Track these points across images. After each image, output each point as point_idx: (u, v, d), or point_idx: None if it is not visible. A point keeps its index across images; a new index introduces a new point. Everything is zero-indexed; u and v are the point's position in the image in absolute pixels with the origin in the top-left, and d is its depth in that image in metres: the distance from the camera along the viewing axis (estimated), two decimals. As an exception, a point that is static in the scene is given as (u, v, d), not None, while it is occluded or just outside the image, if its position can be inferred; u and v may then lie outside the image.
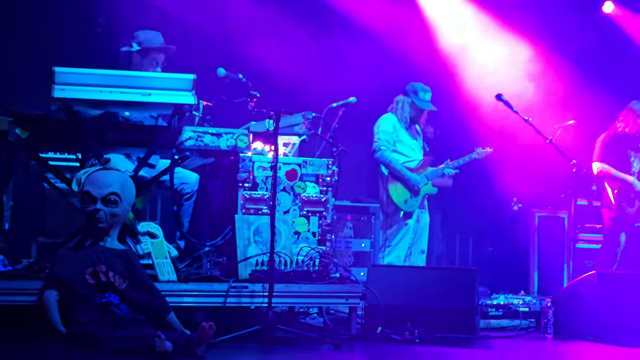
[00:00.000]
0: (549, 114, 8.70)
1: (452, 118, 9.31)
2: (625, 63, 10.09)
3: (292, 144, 6.84)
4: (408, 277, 6.16)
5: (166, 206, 6.96)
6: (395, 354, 5.23)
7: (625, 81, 9.59)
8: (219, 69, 6.68)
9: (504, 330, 6.36)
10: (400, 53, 9.29)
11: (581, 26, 9.98)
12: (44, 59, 6.93)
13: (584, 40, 9.93)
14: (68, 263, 4.95)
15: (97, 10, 8.54)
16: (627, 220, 8.06)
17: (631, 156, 8.12)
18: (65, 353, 4.67)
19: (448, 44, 10.11)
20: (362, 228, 8.40)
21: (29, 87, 7.31)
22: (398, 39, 9.48)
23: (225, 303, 5.41)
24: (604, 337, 5.88)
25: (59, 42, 8.02)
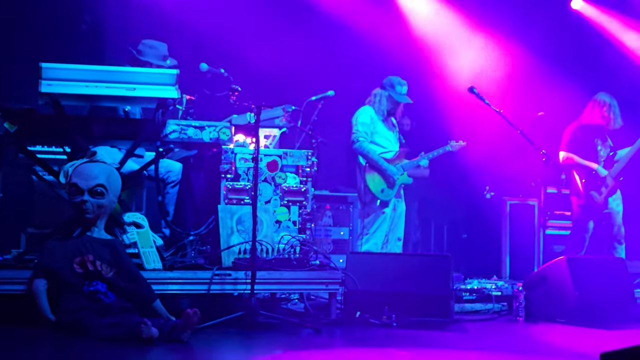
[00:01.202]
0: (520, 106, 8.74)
1: (427, 111, 9.32)
2: (591, 57, 10.14)
3: (273, 136, 6.84)
4: (385, 264, 6.17)
5: (151, 197, 6.93)
6: (373, 338, 5.24)
7: (591, 74, 9.63)
8: (202, 64, 6.67)
9: (478, 313, 6.39)
10: (378, 48, 9.29)
11: (550, 22, 10.02)
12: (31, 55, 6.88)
13: (553, 35, 9.97)
14: (56, 253, 4.94)
15: (82, 7, 8.48)
16: (595, 207, 8.10)
17: (598, 145, 8.17)
18: (55, 340, 4.66)
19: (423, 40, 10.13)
20: (341, 217, 8.40)
21: (17, 82, 7.27)
22: (375, 34, 9.47)
23: (209, 290, 5.41)
24: (573, 319, 5.92)
25: (45, 38, 7.97)
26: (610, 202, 8.11)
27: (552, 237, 8.81)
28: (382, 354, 4.68)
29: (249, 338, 4.97)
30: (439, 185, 9.25)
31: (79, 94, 5.40)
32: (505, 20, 9.84)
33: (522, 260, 8.99)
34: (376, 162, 7.33)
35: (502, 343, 5.29)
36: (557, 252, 8.44)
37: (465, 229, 10.05)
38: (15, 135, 5.52)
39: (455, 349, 4.90)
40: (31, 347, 4.57)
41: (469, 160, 8.69)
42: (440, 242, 10.04)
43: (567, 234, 8.69)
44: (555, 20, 10.17)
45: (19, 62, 7.59)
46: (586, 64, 9.96)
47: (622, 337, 5.21)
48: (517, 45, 9.91)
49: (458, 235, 10.09)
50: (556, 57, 9.83)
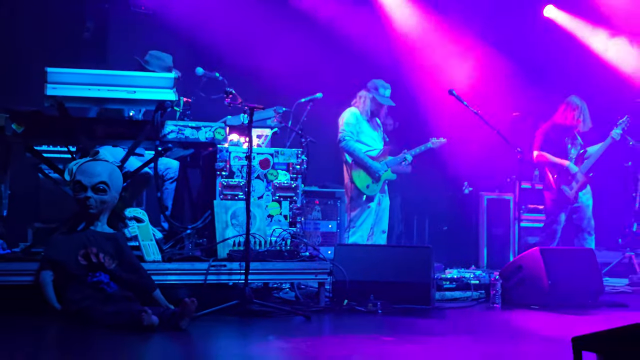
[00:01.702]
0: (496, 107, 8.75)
1: (410, 111, 9.33)
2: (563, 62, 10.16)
3: (265, 135, 6.83)
4: (371, 255, 6.18)
5: (151, 193, 6.92)
6: (359, 324, 5.24)
7: (562, 78, 9.66)
8: (198, 68, 6.67)
9: (457, 301, 6.39)
10: (363, 53, 9.29)
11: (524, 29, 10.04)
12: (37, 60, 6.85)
13: (527, 41, 10.00)
14: (62, 246, 4.95)
15: (85, 15, 8.46)
16: (566, 201, 8.13)
17: (568, 144, 8.19)
18: (61, 328, 4.65)
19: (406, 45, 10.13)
20: (329, 211, 8.40)
21: (24, 86, 7.24)
22: (361, 40, 9.47)
23: (206, 280, 5.41)
24: (546, 306, 5.94)
25: (50, 44, 7.94)
26: (580, 196, 8.14)
27: (526, 230, 8.82)
28: (368, 340, 4.68)
29: (244, 325, 4.97)
30: (421, 181, 9.25)
31: (83, 97, 5.39)
32: (483, 28, 9.86)
33: (499, 251, 9.01)
34: (362, 160, 7.33)
35: (480, 328, 5.30)
36: (531, 243, 8.46)
37: (445, 221, 10.06)
38: (23, 136, 5.51)
39: (436, 335, 4.91)
40: (39, 335, 4.56)
41: (448, 157, 8.70)
42: (422, 234, 10.05)
43: (540, 226, 8.70)
44: (529, 27, 10.20)
45: (26, 67, 7.56)
46: (558, 69, 10.00)
47: (592, 322, 5.24)
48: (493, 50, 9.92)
49: (439, 227, 10.09)
50: (530, 62, 9.86)
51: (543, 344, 4.56)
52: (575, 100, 8.20)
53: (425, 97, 9.62)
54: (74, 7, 8.37)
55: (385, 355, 4.17)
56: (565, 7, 10.56)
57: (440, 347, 4.46)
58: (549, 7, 10.63)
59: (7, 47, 8.04)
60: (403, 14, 10.20)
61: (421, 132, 8.56)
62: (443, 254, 8.59)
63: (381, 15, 10.12)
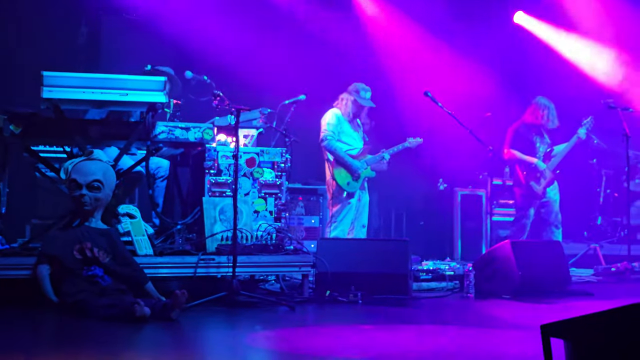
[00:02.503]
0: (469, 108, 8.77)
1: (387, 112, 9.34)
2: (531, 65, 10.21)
3: (251, 135, 6.82)
4: (352, 248, 6.19)
5: (143, 190, 6.90)
6: (341, 313, 5.25)
7: (531, 80, 9.70)
8: (187, 71, 6.65)
9: (433, 291, 6.40)
10: (344, 57, 9.29)
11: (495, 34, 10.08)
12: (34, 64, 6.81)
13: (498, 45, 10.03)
14: (58, 241, 4.93)
15: (79, 22, 8.42)
16: (535, 196, 8.16)
17: (537, 142, 8.23)
18: (57, 319, 4.63)
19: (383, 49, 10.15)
20: (312, 207, 8.40)
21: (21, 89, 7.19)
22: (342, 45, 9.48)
23: (196, 273, 5.40)
24: (517, 295, 5.96)
25: (46, 49, 7.90)
26: (548, 191, 8.18)
27: (497, 223, 8.85)
28: (350, 328, 4.69)
29: (232, 315, 4.96)
30: (398, 178, 9.27)
31: (77, 99, 5.38)
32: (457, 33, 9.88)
33: (472, 243, 9.03)
34: (342, 158, 7.33)
35: (455, 317, 5.32)
36: (502, 236, 8.49)
37: (421, 216, 10.07)
38: (20, 137, 5.48)
39: (413, 323, 4.93)
40: (36, 326, 4.54)
41: (424, 156, 8.71)
42: (400, 228, 10.06)
43: (510, 220, 8.73)
44: (500, 32, 10.24)
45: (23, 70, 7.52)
46: (527, 71, 10.04)
47: (560, 310, 5.26)
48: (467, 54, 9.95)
49: (415, 222, 10.11)
50: (501, 65, 9.89)
51: (514, 331, 4.59)
52: (543, 100, 8.23)
53: (402, 99, 9.63)
54: (68, 14, 8.32)
55: (365, 343, 4.18)
56: (534, 13, 10.63)
57: (417, 334, 4.48)
58: (519, 14, 10.69)
59: (4, 52, 8.00)
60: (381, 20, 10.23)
61: (398, 131, 8.57)
62: (419, 247, 8.60)
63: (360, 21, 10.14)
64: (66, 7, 8.29)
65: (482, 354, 3.87)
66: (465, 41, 9.87)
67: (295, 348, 3.96)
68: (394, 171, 8.53)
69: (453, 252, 9.08)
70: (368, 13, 10.22)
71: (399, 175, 9.09)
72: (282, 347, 4.04)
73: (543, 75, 9.93)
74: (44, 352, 3.66)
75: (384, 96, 9.22)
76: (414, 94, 8.86)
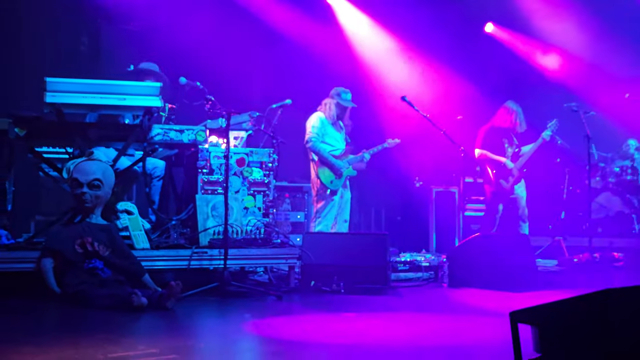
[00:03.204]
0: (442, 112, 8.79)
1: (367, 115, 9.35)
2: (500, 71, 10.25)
3: (241, 137, 6.80)
4: (334, 242, 6.18)
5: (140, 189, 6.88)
6: (325, 302, 5.25)
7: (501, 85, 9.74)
8: (181, 77, 6.62)
9: (410, 281, 6.42)
10: (326, 64, 9.30)
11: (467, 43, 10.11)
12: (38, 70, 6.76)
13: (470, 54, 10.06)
14: (60, 236, 4.91)
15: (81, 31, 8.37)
16: (503, 193, 8.20)
17: (505, 143, 8.26)
18: (60, 309, 4.60)
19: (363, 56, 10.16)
20: (298, 203, 8.40)
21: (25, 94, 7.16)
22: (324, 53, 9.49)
23: (189, 265, 5.39)
24: (487, 284, 5.97)
25: (49, 57, 7.86)
26: (516, 189, 8.22)
27: (469, 218, 8.88)
28: (333, 316, 4.69)
29: (223, 304, 4.95)
30: (378, 176, 9.29)
31: (79, 104, 5.35)
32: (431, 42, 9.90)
33: (446, 236, 9.06)
34: (326, 159, 7.33)
35: (430, 304, 5.33)
36: (474, 230, 8.51)
37: (399, 212, 10.10)
38: (25, 139, 5.46)
39: (392, 310, 4.93)
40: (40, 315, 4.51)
41: (402, 155, 8.73)
42: (379, 223, 10.09)
43: (481, 215, 8.77)
44: (472, 41, 10.27)
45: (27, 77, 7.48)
46: (496, 77, 10.08)
47: (527, 299, 5.28)
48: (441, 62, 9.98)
49: (393, 217, 10.14)
50: (473, 72, 9.92)
51: (484, 317, 4.60)
52: (511, 105, 8.27)
53: (381, 103, 9.65)
54: (70, 24, 8.30)
55: (347, 329, 4.17)
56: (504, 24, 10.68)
57: (396, 321, 4.48)
58: (489, 25, 10.74)
59: (10, 60, 7.97)
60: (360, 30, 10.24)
61: (378, 133, 8.58)
62: (397, 240, 8.62)
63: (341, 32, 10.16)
64: (68, 18, 8.27)
65: (455, 339, 3.87)
66: (439, 49, 9.90)
67: (282, 334, 3.95)
68: (374, 170, 8.55)
69: (428, 244, 9.11)
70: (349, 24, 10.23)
71: (379, 173, 9.12)
72: (270, 333, 4.03)
73: (512, 81, 9.98)
74: (47, 340, 3.63)
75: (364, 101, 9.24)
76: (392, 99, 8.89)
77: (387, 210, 10.19)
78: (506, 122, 8.21)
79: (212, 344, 3.72)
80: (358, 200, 9.27)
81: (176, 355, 3.23)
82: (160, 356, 3.20)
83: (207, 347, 3.59)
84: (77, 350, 3.32)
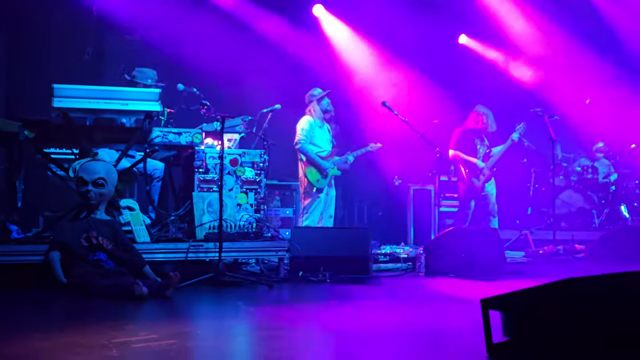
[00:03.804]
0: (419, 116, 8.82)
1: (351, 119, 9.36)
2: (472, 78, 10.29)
3: (234, 139, 6.79)
4: (321, 235, 6.18)
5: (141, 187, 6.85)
6: (312, 291, 5.25)
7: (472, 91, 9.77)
8: (179, 84, 6.61)
9: (390, 271, 6.42)
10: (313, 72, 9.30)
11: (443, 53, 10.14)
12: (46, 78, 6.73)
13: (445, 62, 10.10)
14: (67, 231, 4.89)
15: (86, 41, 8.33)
16: (475, 191, 8.23)
17: (477, 144, 8.29)
18: (67, 298, 4.59)
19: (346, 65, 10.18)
20: (287, 200, 8.40)
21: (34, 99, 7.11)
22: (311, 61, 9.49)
23: (187, 257, 5.37)
24: (460, 274, 6.00)
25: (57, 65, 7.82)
26: (486, 186, 8.26)
27: (444, 213, 8.90)
28: (319, 303, 4.70)
29: (218, 293, 4.94)
30: (361, 176, 9.30)
31: (84, 108, 5.33)
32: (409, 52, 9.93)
33: (422, 230, 9.08)
34: (313, 159, 7.32)
35: (408, 293, 5.34)
36: (448, 224, 8.55)
37: (380, 208, 10.11)
38: (34, 140, 5.43)
39: (374, 299, 4.94)
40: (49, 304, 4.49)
41: (383, 156, 8.74)
42: (362, 218, 10.10)
43: (455, 210, 8.80)
44: (446, 51, 10.31)
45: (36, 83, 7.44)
46: (469, 84, 10.11)
47: (497, 287, 5.30)
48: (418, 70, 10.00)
49: (375, 212, 10.14)
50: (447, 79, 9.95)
51: (458, 304, 4.62)
52: (482, 108, 8.30)
53: (364, 109, 9.66)
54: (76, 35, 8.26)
55: (333, 315, 4.18)
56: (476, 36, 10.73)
57: (377, 308, 4.49)
58: (462, 36, 10.78)
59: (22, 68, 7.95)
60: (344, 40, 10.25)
61: (361, 136, 8.59)
62: (378, 234, 8.62)
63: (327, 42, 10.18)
64: (74, 29, 8.23)
65: (431, 324, 3.89)
66: (418, 60, 9.93)
67: (272, 320, 3.95)
68: (357, 169, 8.57)
69: (407, 237, 9.13)
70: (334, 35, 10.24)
71: (362, 173, 9.13)
72: (261, 319, 4.04)
73: (483, 87, 10.02)
74: (55, 326, 3.62)
75: (348, 106, 9.26)
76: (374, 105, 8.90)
77: (368, 207, 10.20)
78: (477, 124, 8.25)
79: (208, 329, 3.72)
80: (342, 197, 9.27)
81: (175, 340, 3.23)
82: (160, 341, 3.19)
83: (203, 333, 3.59)
84: (84, 336, 3.31)
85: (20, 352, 3.00)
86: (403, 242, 8.56)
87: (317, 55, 9.69)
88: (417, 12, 9.64)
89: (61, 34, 8.10)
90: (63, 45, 8.10)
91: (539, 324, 2.82)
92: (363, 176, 9.45)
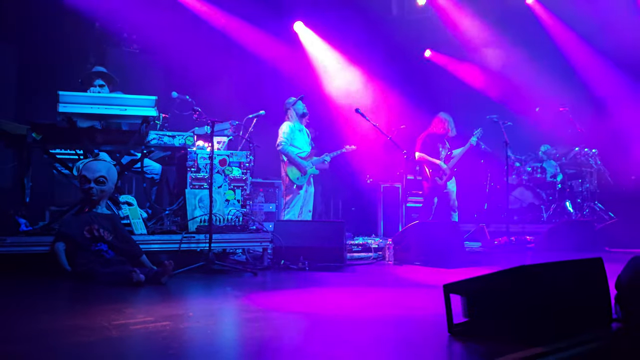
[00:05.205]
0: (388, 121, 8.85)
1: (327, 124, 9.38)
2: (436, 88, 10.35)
3: (223, 142, 6.77)
4: (300, 228, 6.18)
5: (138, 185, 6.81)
6: (292, 277, 5.25)
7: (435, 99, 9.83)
8: (173, 92, 6.57)
9: (363, 260, 6.46)
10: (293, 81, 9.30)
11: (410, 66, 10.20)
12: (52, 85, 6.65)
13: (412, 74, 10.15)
14: (71, 224, 4.85)
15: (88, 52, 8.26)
16: (438, 188, 8.28)
17: (439, 147, 8.34)
18: (71, 284, 4.55)
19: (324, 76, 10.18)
20: (270, 196, 8.38)
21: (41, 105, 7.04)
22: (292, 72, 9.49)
23: (180, 248, 5.35)
24: (425, 262, 6.03)
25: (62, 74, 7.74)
26: (448, 184, 8.31)
27: (410, 209, 8.96)
28: (299, 289, 4.69)
29: (208, 280, 4.92)
30: (337, 175, 9.31)
31: (87, 113, 5.27)
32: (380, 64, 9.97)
33: (391, 223, 9.13)
34: (294, 160, 7.33)
35: (379, 279, 5.36)
36: (414, 218, 8.60)
37: (353, 203, 10.14)
38: (41, 142, 5.40)
39: (348, 285, 4.95)
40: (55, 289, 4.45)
41: (356, 157, 8.77)
42: (337, 212, 10.12)
43: (420, 206, 8.85)
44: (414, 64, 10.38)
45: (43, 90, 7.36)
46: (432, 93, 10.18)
47: (457, 274, 5.34)
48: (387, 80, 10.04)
49: (349, 207, 10.17)
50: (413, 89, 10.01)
51: (423, 289, 4.64)
52: (444, 115, 8.36)
53: (339, 114, 9.68)
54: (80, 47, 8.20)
55: (311, 299, 4.18)
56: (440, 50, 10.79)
57: (351, 292, 4.50)
58: (428, 51, 10.85)
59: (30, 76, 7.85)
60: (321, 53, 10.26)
61: (336, 138, 8.61)
62: (352, 226, 8.66)
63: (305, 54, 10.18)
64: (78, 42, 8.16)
65: (399, 306, 3.91)
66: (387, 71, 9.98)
67: (257, 304, 3.95)
68: (334, 169, 8.58)
69: (377, 230, 9.17)
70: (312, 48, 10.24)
71: (337, 172, 9.15)
72: (247, 303, 4.02)
73: (445, 96, 10.08)
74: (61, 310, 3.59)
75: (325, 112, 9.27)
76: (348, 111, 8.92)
77: (343, 202, 10.23)
78: (440, 130, 8.30)
79: (199, 312, 3.70)
80: (320, 194, 9.28)
81: (169, 322, 3.21)
82: (156, 323, 3.18)
83: (195, 315, 3.57)
84: (86, 318, 3.28)
85: (30, 333, 2.97)
86: (374, 234, 8.59)
87: (297, 67, 9.71)
88: (386, 30, 9.71)
89: (67, 46, 8.02)
90: (68, 56, 8.02)
91: (495, 306, 2.85)
92: (339, 175, 9.47)
